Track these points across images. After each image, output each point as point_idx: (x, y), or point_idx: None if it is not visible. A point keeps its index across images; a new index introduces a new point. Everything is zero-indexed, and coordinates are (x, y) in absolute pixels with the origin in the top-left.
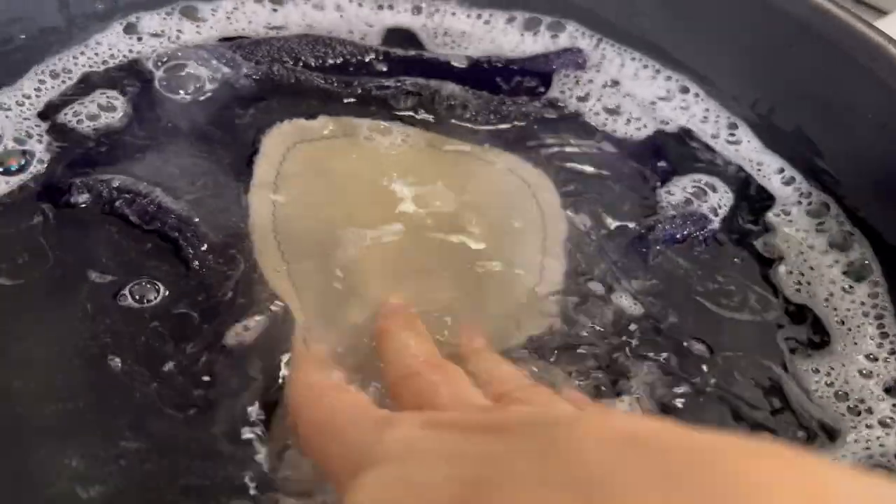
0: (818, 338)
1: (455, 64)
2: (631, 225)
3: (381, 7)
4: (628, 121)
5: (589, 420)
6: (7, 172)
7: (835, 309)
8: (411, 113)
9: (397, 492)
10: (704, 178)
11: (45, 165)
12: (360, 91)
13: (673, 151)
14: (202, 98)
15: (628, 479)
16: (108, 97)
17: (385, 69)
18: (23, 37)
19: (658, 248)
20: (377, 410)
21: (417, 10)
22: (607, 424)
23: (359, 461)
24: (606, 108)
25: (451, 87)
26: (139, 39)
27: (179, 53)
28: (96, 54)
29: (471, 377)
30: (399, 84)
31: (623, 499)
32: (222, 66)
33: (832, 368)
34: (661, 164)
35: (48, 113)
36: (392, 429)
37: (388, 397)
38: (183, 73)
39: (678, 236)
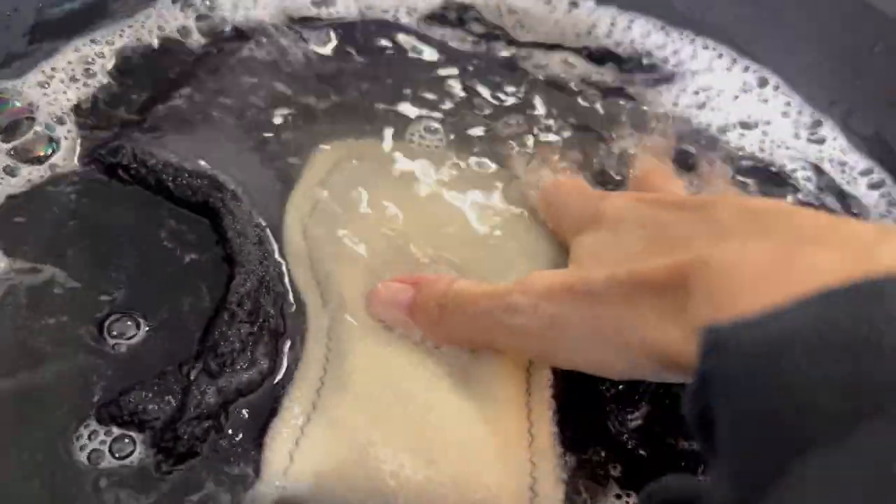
0: None
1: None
2: None
3: None
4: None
5: (729, 198)
6: (37, 161)
7: None
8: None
9: (605, 245)
10: (784, 179)
11: (76, 151)
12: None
13: (749, 149)
14: (254, 80)
15: (735, 229)
16: (150, 74)
17: (433, 58)
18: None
19: None
20: (594, 190)
21: None
22: (740, 201)
23: (580, 224)
24: (680, 106)
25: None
26: (186, 12)
27: (235, 28)
28: (143, 25)
29: None
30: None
31: (722, 237)
32: (274, 49)
33: None
34: (738, 162)
35: (84, 91)
36: (607, 200)
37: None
38: (236, 52)
39: None
